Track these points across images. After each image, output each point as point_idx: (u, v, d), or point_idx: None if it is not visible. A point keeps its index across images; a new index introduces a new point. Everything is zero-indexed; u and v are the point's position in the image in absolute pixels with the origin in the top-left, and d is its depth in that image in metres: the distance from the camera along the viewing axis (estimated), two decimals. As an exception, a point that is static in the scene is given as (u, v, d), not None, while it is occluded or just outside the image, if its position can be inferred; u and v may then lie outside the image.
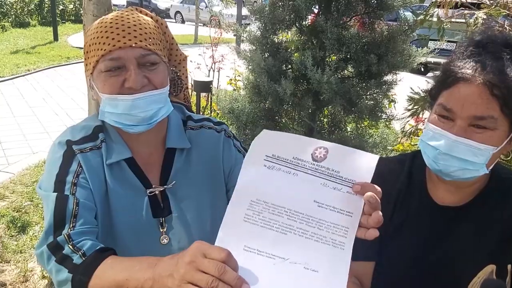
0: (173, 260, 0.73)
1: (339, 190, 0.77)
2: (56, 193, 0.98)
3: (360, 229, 0.77)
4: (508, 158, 1.08)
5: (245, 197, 0.78)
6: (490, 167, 1.02)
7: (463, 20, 2.23)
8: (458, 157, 0.97)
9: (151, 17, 1.10)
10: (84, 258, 0.89)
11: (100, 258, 0.88)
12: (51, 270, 0.91)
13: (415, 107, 2.42)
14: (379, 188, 0.77)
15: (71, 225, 0.94)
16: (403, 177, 1.16)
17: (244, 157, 1.19)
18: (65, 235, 0.92)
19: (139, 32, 1.00)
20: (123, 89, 0.99)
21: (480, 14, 2.00)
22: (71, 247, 0.91)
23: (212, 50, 5.75)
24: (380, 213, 0.75)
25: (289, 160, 0.77)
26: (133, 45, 0.98)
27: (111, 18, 1.02)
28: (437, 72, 1.08)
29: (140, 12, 1.09)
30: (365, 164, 0.77)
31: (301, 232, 0.77)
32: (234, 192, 0.79)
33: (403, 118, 2.72)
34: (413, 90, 2.47)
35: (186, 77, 1.23)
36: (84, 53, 1.07)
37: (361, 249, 1.11)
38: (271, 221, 0.77)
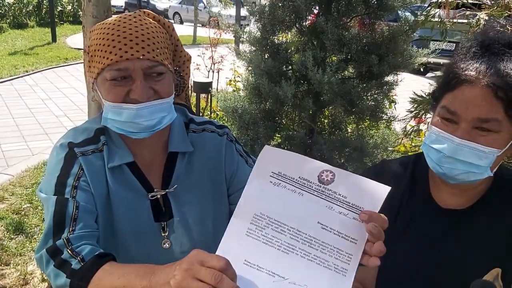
0: (171, 268, 0.73)
1: (345, 215, 0.76)
2: (56, 196, 0.97)
3: (363, 255, 0.76)
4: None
5: (249, 210, 0.77)
6: (494, 170, 1.01)
7: (465, 21, 2.22)
8: (462, 160, 0.96)
9: (159, 20, 1.07)
10: (82, 264, 0.88)
11: (98, 264, 0.87)
12: (49, 274, 0.91)
13: (418, 108, 2.41)
14: (386, 218, 0.76)
15: (70, 229, 0.93)
16: (406, 180, 1.15)
17: (245, 161, 1.19)
18: (64, 239, 0.91)
19: (147, 42, 0.97)
20: (128, 99, 0.98)
21: (482, 15, 1.99)
22: (70, 251, 0.90)
23: (212, 51, 5.73)
24: (382, 243, 0.75)
25: (295, 179, 0.76)
26: (141, 57, 0.96)
27: (118, 22, 1.00)
28: (437, 73, 1.07)
29: (148, 15, 1.06)
30: (374, 193, 0.76)
31: (303, 253, 0.76)
32: (238, 204, 0.78)
33: (404, 119, 2.71)
34: (415, 94, 2.46)
35: (189, 77, 1.22)
36: (87, 54, 1.05)
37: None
38: (274, 239, 0.76)
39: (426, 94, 2.40)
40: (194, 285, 0.67)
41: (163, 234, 1.07)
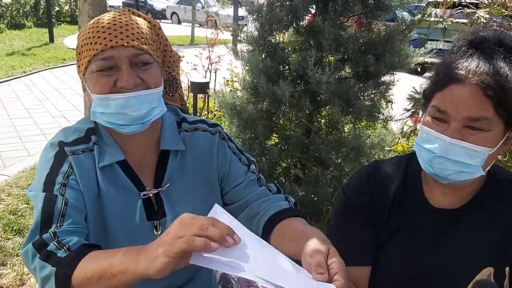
0: (159, 238, 0.75)
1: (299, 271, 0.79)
2: (44, 193, 0.96)
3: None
4: (506, 159, 1.06)
5: None
6: (487, 169, 1.00)
7: (463, 20, 2.21)
8: (453, 160, 0.96)
9: (144, 18, 1.09)
10: (68, 252, 0.87)
11: (84, 252, 0.86)
12: (35, 268, 0.89)
13: (415, 106, 2.40)
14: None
15: (58, 224, 0.92)
16: (399, 180, 1.14)
17: (239, 159, 1.18)
18: (51, 233, 0.90)
19: (131, 31, 0.98)
20: (115, 89, 0.97)
21: (482, 13, 1.98)
22: (56, 243, 0.88)
23: (209, 51, 5.72)
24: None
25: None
26: (125, 44, 0.96)
27: (103, 20, 1.01)
28: (433, 72, 1.07)
29: (133, 13, 1.08)
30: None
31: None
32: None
33: (401, 119, 2.71)
34: (414, 90, 2.45)
35: (179, 75, 1.22)
36: (76, 54, 1.05)
37: (357, 254, 1.10)
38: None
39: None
40: (181, 241, 0.69)
41: (155, 233, 1.07)
